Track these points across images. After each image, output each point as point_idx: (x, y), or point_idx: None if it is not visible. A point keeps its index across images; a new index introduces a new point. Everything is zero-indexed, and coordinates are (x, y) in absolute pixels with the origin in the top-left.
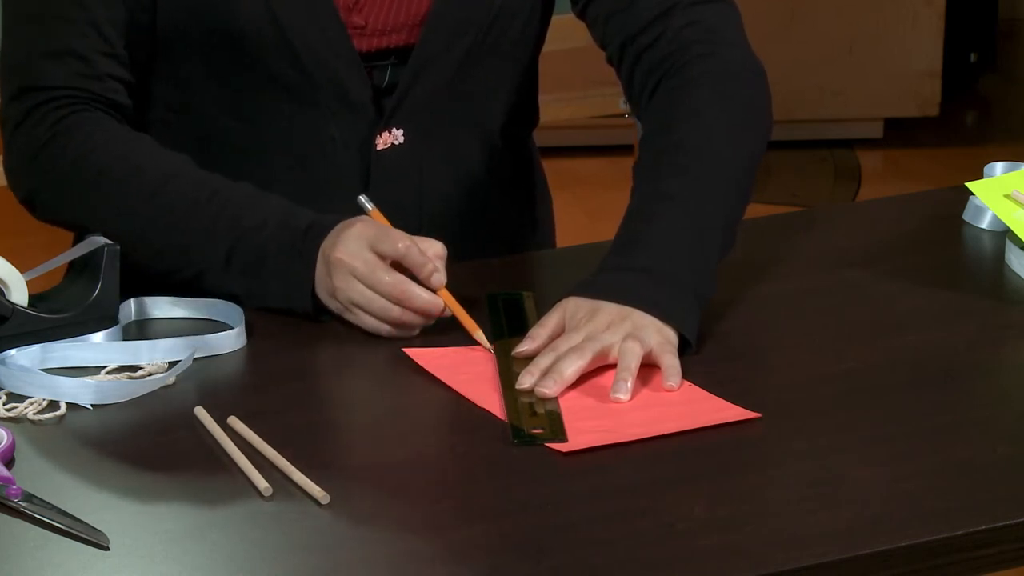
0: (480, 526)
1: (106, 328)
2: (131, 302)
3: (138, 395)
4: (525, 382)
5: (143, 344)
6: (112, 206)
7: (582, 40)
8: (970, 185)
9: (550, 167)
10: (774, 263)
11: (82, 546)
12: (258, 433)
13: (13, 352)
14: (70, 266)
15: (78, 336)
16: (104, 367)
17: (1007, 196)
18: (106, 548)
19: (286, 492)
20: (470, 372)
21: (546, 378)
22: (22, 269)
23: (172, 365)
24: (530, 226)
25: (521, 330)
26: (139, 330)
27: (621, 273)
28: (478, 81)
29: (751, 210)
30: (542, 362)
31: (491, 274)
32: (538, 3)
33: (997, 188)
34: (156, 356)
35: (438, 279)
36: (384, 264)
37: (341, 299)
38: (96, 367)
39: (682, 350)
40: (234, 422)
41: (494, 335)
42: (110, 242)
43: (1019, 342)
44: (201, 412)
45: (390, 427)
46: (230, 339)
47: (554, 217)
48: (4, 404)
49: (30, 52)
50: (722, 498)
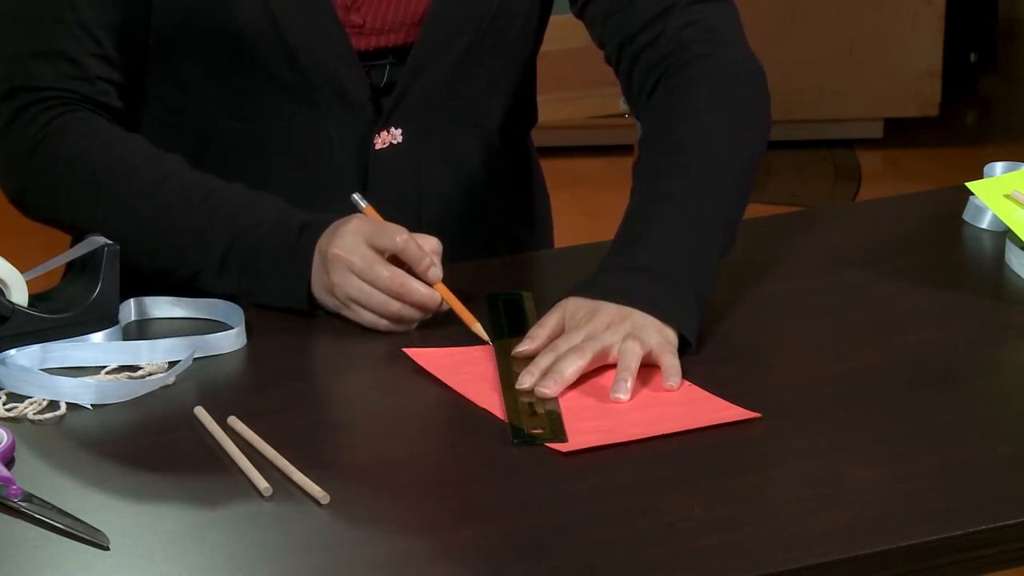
0: (480, 526)
1: (106, 328)
2: (131, 302)
3: (138, 395)
4: (525, 382)
5: (143, 344)
6: (107, 206)
7: (581, 40)
8: (970, 185)
9: (549, 167)
10: (774, 263)
11: (82, 546)
12: (258, 433)
13: (13, 352)
14: (70, 266)
15: (78, 336)
16: (104, 367)
17: (1007, 196)
18: (106, 548)
19: (286, 492)
20: (470, 372)
21: (546, 378)
22: (22, 269)
23: (172, 365)
24: (529, 226)
25: (521, 330)
26: (139, 330)
27: (621, 273)
28: (477, 80)
29: (751, 210)
30: (542, 362)
31: (490, 274)
32: (536, 2)
33: (997, 188)
34: (156, 356)
35: (435, 273)
36: (382, 259)
37: (339, 295)
38: (96, 367)
39: (682, 350)
40: (234, 422)
41: (494, 335)
42: (110, 242)
43: (1019, 342)
44: (201, 412)
45: (390, 427)
46: (230, 339)
47: (552, 217)
48: (4, 404)
49: (20, 52)
50: (722, 498)
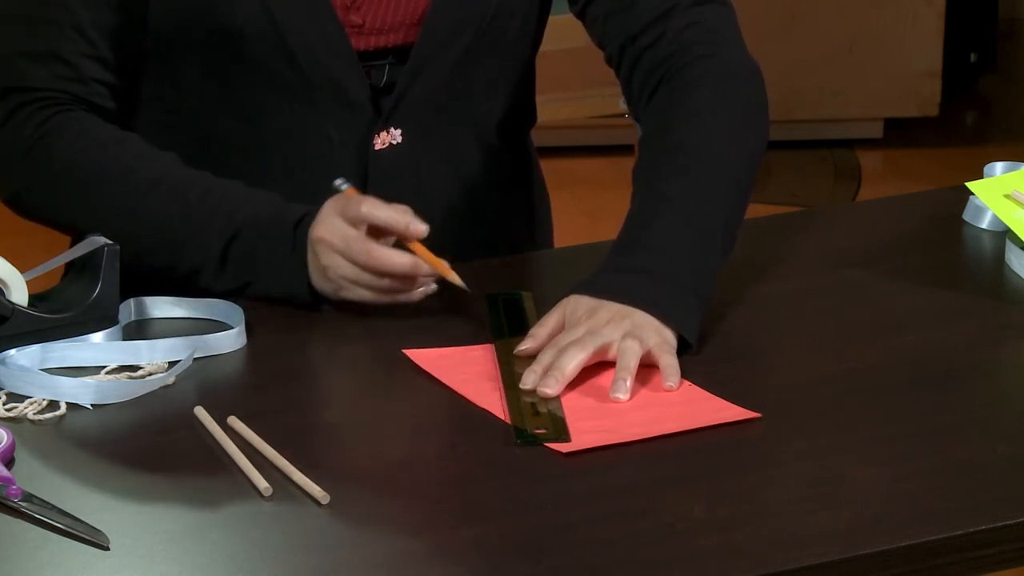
0: (480, 526)
1: (106, 328)
2: (131, 302)
3: (138, 395)
4: (528, 381)
5: (143, 344)
6: (105, 207)
7: (581, 40)
8: (970, 185)
9: (548, 167)
10: (774, 263)
11: (82, 546)
12: (258, 433)
13: (13, 352)
14: (70, 266)
15: (78, 336)
16: (104, 367)
17: (1007, 196)
18: (106, 548)
19: (286, 492)
20: (470, 372)
21: (547, 377)
22: (22, 269)
23: (172, 365)
24: (528, 226)
25: (521, 330)
26: (139, 330)
27: (621, 274)
28: (476, 80)
29: (751, 210)
30: (544, 359)
31: (490, 274)
32: (535, 2)
33: (997, 188)
34: (156, 356)
35: (416, 228)
36: (360, 235)
37: (333, 277)
38: (96, 367)
39: (683, 350)
40: (234, 422)
41: (494, 334)
42: (110, 242)
43: (1019, 342)
44: (201, 412)
45: (390, 427)
46: (230, 339)
47: (552, 217)
48: (4, 404)
49: (14, 52)
50: (722, 498)
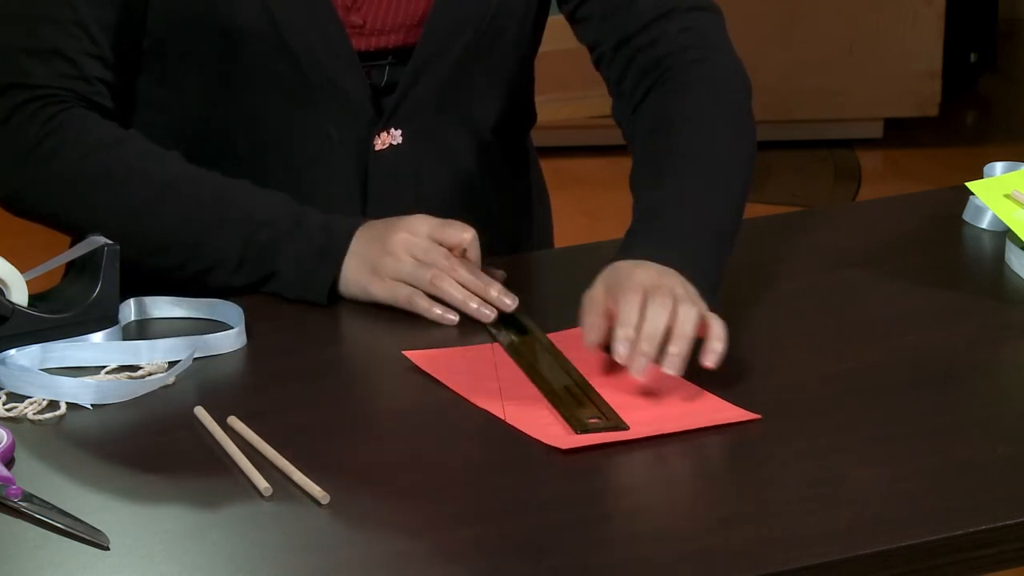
0: (480, 526)
1: (106, 328)
2: (131, 302)
3: (138, 395)
4: (637, 367)
5: (143, 344)
6: (114, 206)
7: None
8: (970, 185)
9: (548, 167)
10: (774, 263)
11: (82, 546)
12: (258, 433)
13: (13, 352)
14: (70, 266)
15: (78, 336)
16: (104, 367)
17: (1007, 196)
18: (106, 548)
19: (286, 492)
20: (470, 372)
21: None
22: (22, 269)
23: (172, 365)
24: (528, 226)
25: (522, 330)
26: (139, 330)
27: (647, 247)
28: (476, 80)
29: (751, 210)
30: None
31: (489, 274)
32: (535, 2)
33: (997, 188)
34: (156, 356)
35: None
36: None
37: (397, 252)
38: (96, 367)
39: None
40: (234, 422)
41: (497, 335)
42: (110, 242)
43: (1019, 342)
44: (201, 412)
45: (390, 427)
46: (230, 339)
47: (552, 217)
48: (4, 404)
49: (16, 48)
50: (722, 498)
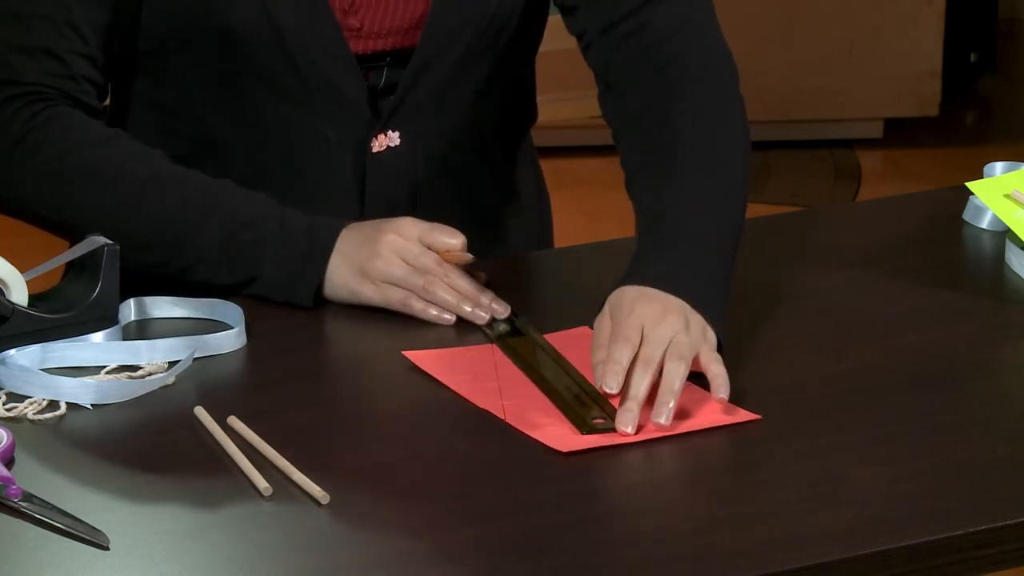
0: (480, 526)
1: (106, 328)
2: (131, 302)
3: (138, 395)
4: (626, 423)
5: (143, 344)
6: (97, 204)
7: None
8: (970, 185)
9: (548, 167)
10: (774, 263)
11: (82, 546)
12: (258, 433)
13: (13, 352)
14: (70, 266)
15: (78, 336)
16: (104, 367)
17: (1007, 196)
18: (106, 548)
19: (286, 492)
20: (470, 372)
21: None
22: (22, 269)
23: (172, 365)
24: (528, 226)
25: (519, 331)
26: (139, 330)
27: (659, 263)
28: (475, 82)
29: (751, 210)
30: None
31: (490, 274)
32: (534, 1)
33: (997, 188)
34: (156, 356)
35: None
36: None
37: (386, 254)
38: (96, 367)
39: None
40: (234, 422)
41: (492, 337)
42: (110, 242)
43: (1019, 342)
44: (201, 412)
45: (390, 427)
46: (230, 339)
47: (552, 217)
48: (4, 404)
49: (6, 46)
50: (722, 498)
